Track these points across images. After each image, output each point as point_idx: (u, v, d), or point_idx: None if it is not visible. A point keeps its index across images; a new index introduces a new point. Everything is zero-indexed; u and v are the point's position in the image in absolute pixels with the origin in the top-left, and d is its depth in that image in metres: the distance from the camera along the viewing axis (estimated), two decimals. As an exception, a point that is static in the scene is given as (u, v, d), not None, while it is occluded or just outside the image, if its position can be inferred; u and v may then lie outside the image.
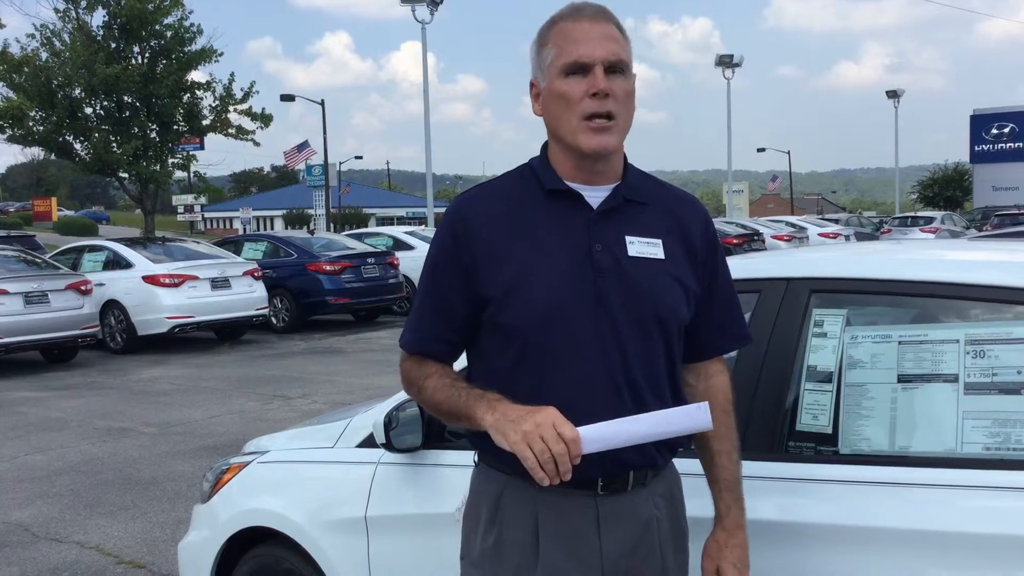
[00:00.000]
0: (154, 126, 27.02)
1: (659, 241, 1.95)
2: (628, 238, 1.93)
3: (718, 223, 31.76)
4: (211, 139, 28.81)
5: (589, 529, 1.92)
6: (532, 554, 1.93)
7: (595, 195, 1.95)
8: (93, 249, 15.18)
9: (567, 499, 1.92)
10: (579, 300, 1.89)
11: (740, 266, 2.65)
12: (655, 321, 1.92)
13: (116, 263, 14.40)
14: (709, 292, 2.04)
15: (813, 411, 2.31)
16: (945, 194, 57.27)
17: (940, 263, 2.42)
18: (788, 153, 65.96)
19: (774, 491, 2.28)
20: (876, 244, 3.14)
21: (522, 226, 1.94)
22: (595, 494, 1.92)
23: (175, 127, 27.36)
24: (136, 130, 26.43)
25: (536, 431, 1.72)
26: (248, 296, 14.56)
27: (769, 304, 2.46)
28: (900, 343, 2.24)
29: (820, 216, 46.54)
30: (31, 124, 25.61)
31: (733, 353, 2.60)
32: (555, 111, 1.91)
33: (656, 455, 1.97)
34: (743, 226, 30.94)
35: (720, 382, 2.11)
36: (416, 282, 15.76)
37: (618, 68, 1.88)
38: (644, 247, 1.94)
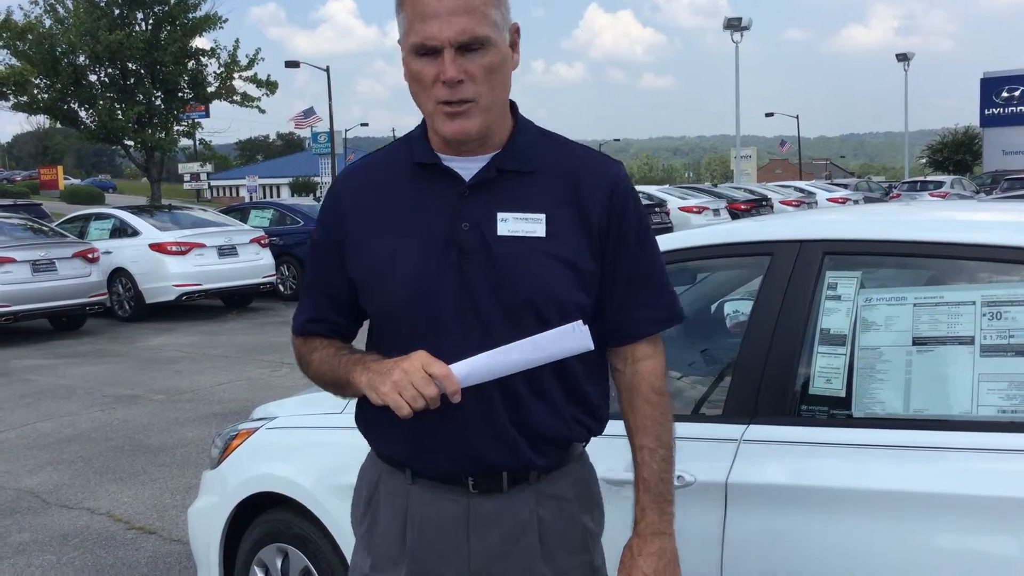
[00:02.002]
0: (159, 93, 26.90)
1: (542, 216, 1.74)
2: (500, 215, 1.74)
3: (725, 188, 31.63)
4: (216, 106, 28.65)
5: (458, 529, 1.81)
6: (400, 547, 1.85)
7: (470, 167, 1.77)
8: (100, 217, 15.16)
9: (438, 495, 1.82)
10: (441, 285, 1.74)
11: (752, 228, 2.63)
12: (527, 307, 1.73)
13: (123, 231, 14.39)
14: (616, 269, 1.81)
15: (826, 374, 2.29)
16: (955, 158, 56.88)
17: (955, 224, 2.38)
18: (797, 118, 65.51)
19: (787, 455, 2.26)
20: (889, 205, 3.10)
21: (390, 204, 1.80)
22: (467, 493, 1.80)
23: (180, 94, 27.22)
24: (141, 97, 26.32)
25: (405, 378, 1.64)
26: (255, 264, 14.55)
27: (781, 267, 2.43)
28: (915, 305, 2.21)
29: (829, 181, 46.29)
30: (35, 92, 25.51)
31: (744, 316, 2.59)
32: (413, 89, 1.73)
33: (532, 455, 1.79)
34: (751, 191, 30.82)
35: (647, 368, 1.87)
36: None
37: (474, 45, 1.65)
38: (519, 224, 1.74)
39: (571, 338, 1.70)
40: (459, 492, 1.81)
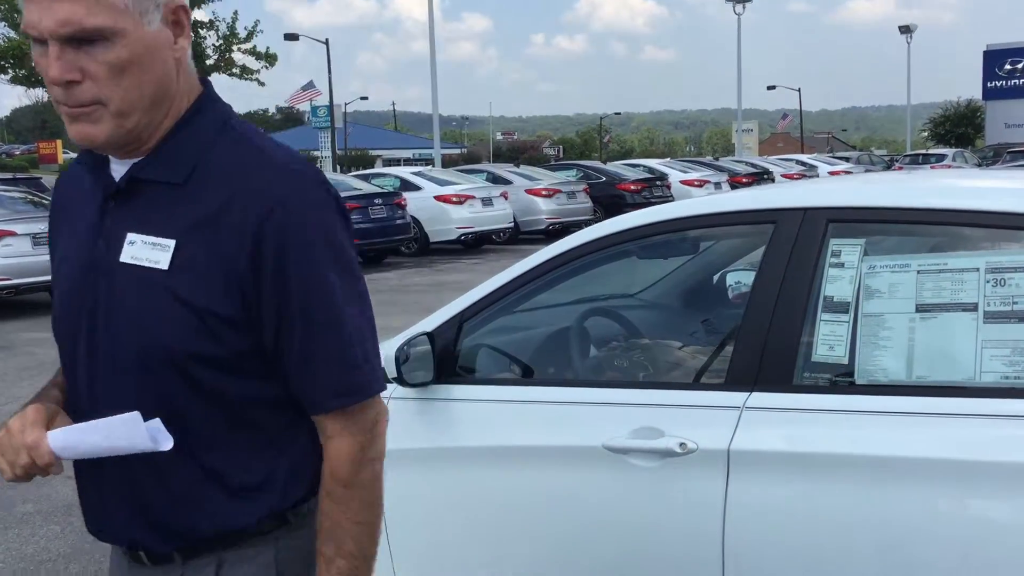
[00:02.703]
0: (158, 66, 26.84)
1: (171, 242, 1.39)
2: (130, 236, 1.42)
3: (727, 162, 31.56)
4: (215, 79, 28.56)
5: None
6: None
7: (121, 172, 1.46)
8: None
9: (122, 562, 1.59)
10: (77, 312, 1.47)
11: (755, 196, 2.63)
12: (134, 354, 1.42)
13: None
14: (280, 318, 1.41)
15: (829, 342, 2.29)
16: (957, 131, 56.68)
17: (960, 190, 2.38)
18: (799, 91, 65.21)
19: (789, 422, 2.27)
20: (893, 173, 3.10)
21: (72, 212, 1.54)
22: (142, 563, 1.54)
23: (179, 67, 27.16)
24: (139, 70, 26.28)
25: (6, 439, 1.43)
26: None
27: (785, 235, 2.43)
28: (919, 272, 2.21)
29: (831, 154, 46.18)
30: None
31: (746, 287, 2.60)
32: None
33: (157, 538, 1.50)
34: (753, 165, 30.77)
35: (332, 450, 1.47)
36: (423, 222, 15.55)
37: (92, 37, 1.33)
38: (145, 250, 1.41)
39: (133, 432, 1.37)
40: (137, 563, 1.55)
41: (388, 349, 2.97)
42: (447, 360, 2.94)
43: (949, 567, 2.02)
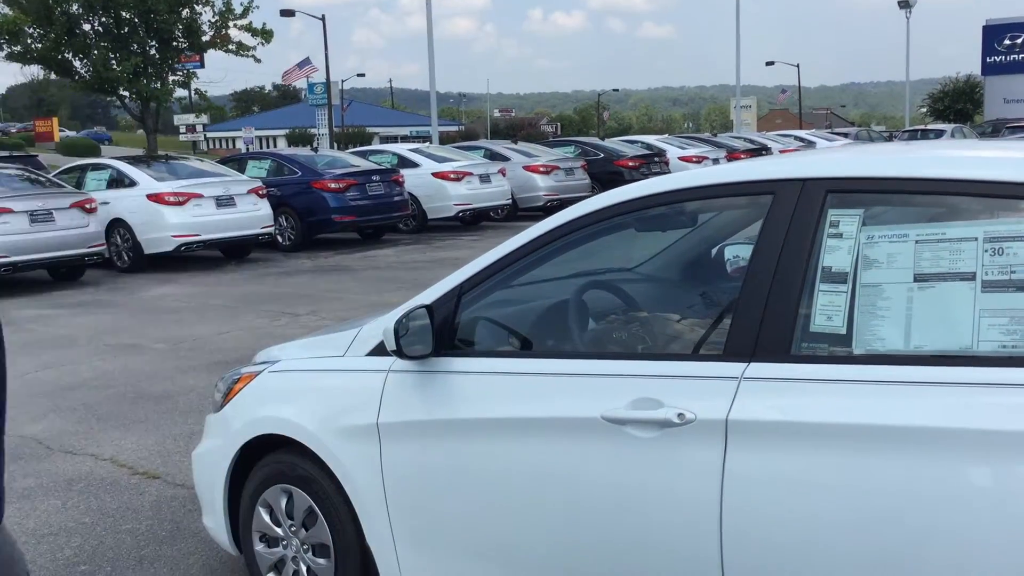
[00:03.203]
0: (153, 43, 26.68)
1: None
2: None
3: (725, 138, 31.45)
4: (211, 57, 28.44)
5: None
6: None
7: None
8: (96, 168, 15.08)
9: None
10: None
11: (755, 167, 2.62)
12: None
13: (120, 182, 14.32)
14: None
15: (827, 312, 2.30)
16: (956, 107, 56.46)
17: (958, 160, 2.37)
18: (797, 67, 64.93)
19: (787, 392, 2.27)
20: (892, 144, 3.09)
21: None
22: None
23: (175, 43, 27.00)
24: (135, 47, 26.11)
25: None
26: (253, 214, 14.50)
27: (784, 206, 2.42)
28: (917, 242, 2.21)
29: (829, 130, 46.03)
30: (29, 41, 25.26)
31: (744, 261, 2.59)
32: None
33: None
34: (751, 141, 30.67)
35: None
36: (421, 199, 15.53)
37: None
38: None
39: None
40: None
41: (387, 322, 2.98)
42: (446, 333, 2.95)
43: (948, 535, 2.03)
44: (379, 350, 3.09)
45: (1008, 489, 1.97)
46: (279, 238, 16.00)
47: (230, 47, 26.97)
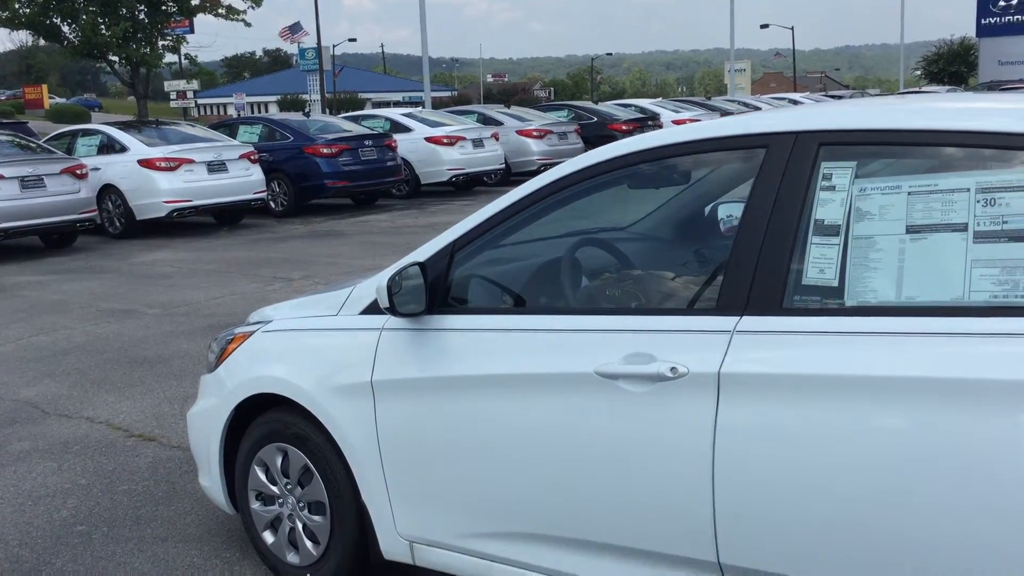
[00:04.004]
0: (142, 7, 26.37)
1: None
2: None
3: (719, 101, 31.33)
4: (201, 22, 28.20)
5: None
6: None
7: None
8: (87, 133, 14.98)
9: None
10: None
11: (748, 121, 2.60)
12: None
13: (110, 147, 14.23)
14: None
15: (820, 265, 2.30)
16: (950, 69, 56.21)
17: (950, 112, 2.36)
18: (791, 29, 64.54)
19: (780, 345, 2.28)
20: (885, 97, 3.08)
21: None
22: None
23: (163, 8, 26.70)
24: (124, 11, 25.81)
25: None
26: (245, 180, 14.44)
27: (777, 159, 2.42)
28: (910, 194, 2.21)
29: (824, 94, 45.82)
30: (16, 6, 24.97)
31: (738, 211, 2.59)
32: None
33: None
34: (745, 104, 30.55)
35: None
36: (414, 164, 15.49)
37: None
38: None
39: None
40: None
41: (381, 280, 2.98)
42: (439, 290, 2.95)
43: (940, 484, 2.05)
44: (372, 309, 3.09)
45: (998, 437, 1.98)
46: (272, 204, 15.95)
47: (220, 11, 26.68)
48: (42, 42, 30.00)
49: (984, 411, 1.99)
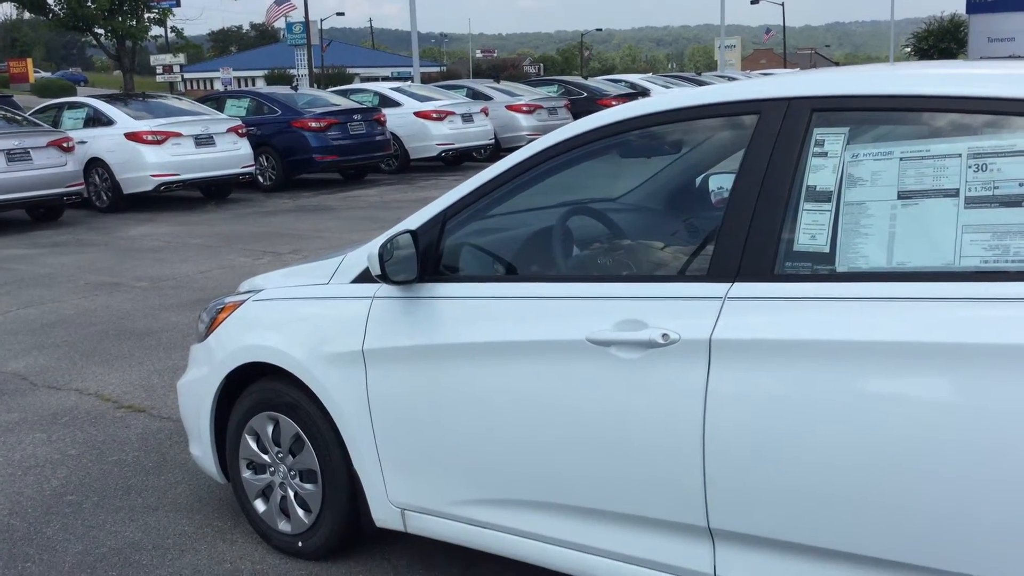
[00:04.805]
0: (128, -21, 26.11)
1: None
2: None
3: (709, 77, 31.24)
4: (187, -6, 27.86)
5: None
6: None
7: None
8: (73, 106, 14.84)
9: None
10: None
11: (740, 88, 2.60)
12: None
13: (97, 120, 14.11)
14: None
15: (811, 231, 2.30)
16: (940, 46, 56.13)
17: (942, 77, 2.36)
18: (782, 5, 64.34)
19: (771, 311, 2.29)
20: (877, 64, 3.08)
21: None
22: None
23: (150, -20, 26.43)
24: (109, -17, 25.55)
25: None
26: (233, 153, 14.34)
27: (769, 125, 2.42)
28: (901, 159, 2.21)
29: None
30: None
31: (731, 178, 2.59)
32: None
33: None
34: (734, 79, 30.47)
35: None
36: (403, 139, 15.39)
37: None
38: None
39: None
40: None
41: (372, 247, 2.97)
42: (431, 258, 2.95)
43: (929, 448, 2.06)
44: (363, 277, 3.09)
45: (988, 401, 2.00)
46: (260, 178, 15.87)
47: (206, -16, 26.50)
48: (27, 15, 29.64)
49: (974, 375, 2.01)
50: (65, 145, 12.64)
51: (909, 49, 62.38)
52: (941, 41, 56.91)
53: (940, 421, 2.05)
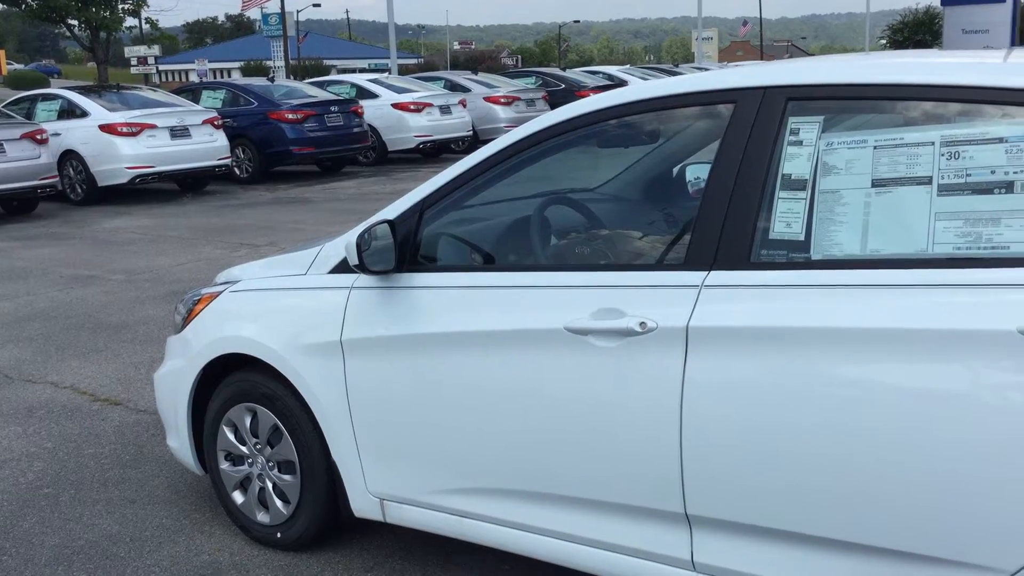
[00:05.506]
0: (101, -31, 25.85)
1: None
2: None
3: (687, 68, 31.30)
4: (162, -15, 27.64)
5: None
6: None
7: None
8: (46, 98, 14.69)
9: None
10: None
11: (716, 77, 2.61)
12: None
13: (71, 112, 13.98)
14: None
15: (786, 219, 2.32)
16: (915, 38, 56.45)
17: (916, 66, 2.38)
18: (758, -2, 64.51)
19: (747, 298, 2.30)
20: (853, 54, 3.10)
21: None
22: None
23: (123, -30, 26.18)
24: (82, -26, 25.27)
25: None
26: (209, 145, 14.25)
27: (745, 114, 2.43)
28: (875, 148, 2.23)
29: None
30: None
31: (707, 166, 2.60)
32: None
33: None
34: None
35: None
36: (380, 131, 15.29)
37: None
38: None
39: None
40: None
41: (350, 237, 2.97)
42: (408, 248, 2.94)
43: (904, 434, 2.09)
44: (341, 267, 3.08)
45: (961, 386, 2.02)
46: (236, 170, 15.77)
47: (181, -26, 26.28)
48: (1, 5, 29.28)
49: (947, 360, 2.03)
50: (39, 137, 12.51)
51: (884, 41, 62.69)
52: (916, 33, 57.19)
53: (914, 406, 2.07)
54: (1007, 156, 2.06)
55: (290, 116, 15.67)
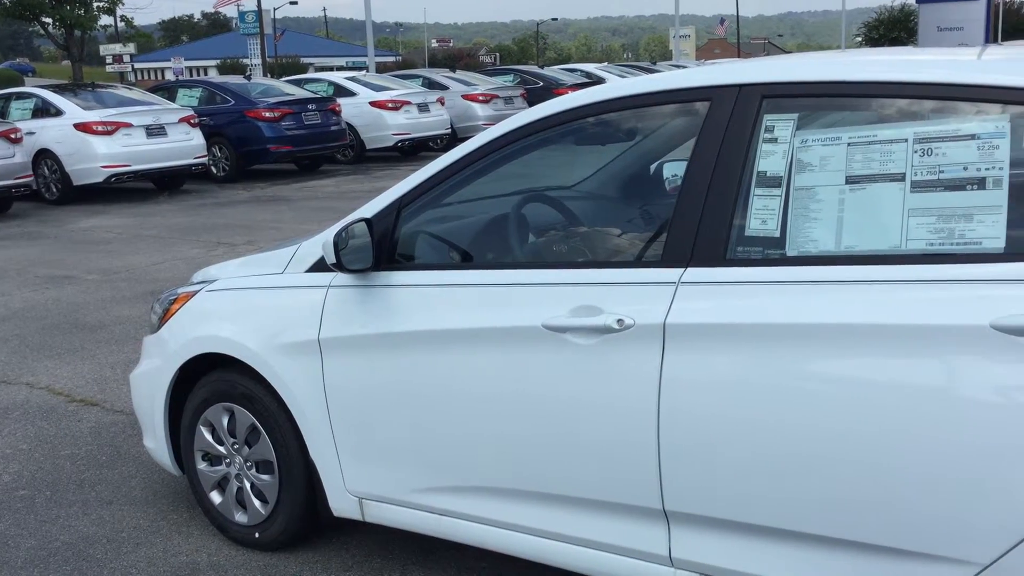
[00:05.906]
0: (75, -33, 25.62)
1: None
2: None
3: (664, 66, 31.38)
4: (137, -18, 27.42)
5: None
6: None
7: None
8: (20, 96, 14.54)
9: None
10: None
11: (692, 75, 2.62)
12: None
13: (45, 111, 13.85)
14: None
15: (762, 216, 2.33)
16: (890, 35, 56.87)
17: (889, 63, 2.40)
18: (735, -5, 64.75)
19: (723, 295, 2.31)
20: (827, 52, 3.12)
21: None
22: None
23: (98, -32, 25.96)
24: (56, -29, 25.05)
25: None
26: (185, 144, 14.16)
27: (721, 112, 2.44)
28: (849, 144, 2.25)
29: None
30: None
31: (684, 164, 2.61)
32: None
33: None
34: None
35: None
36: (358, 129, 15.22)
37: None
38: None
39: None
40: None
41: (327, 236, 2.96)
42: (386, 246, 2.94)
43: (879, 429, 2.10)
44: (319, 266, 3.07)
45: (934, 380, 2.04)
46: (213, 169, 15.69)
47: (156, -28, 26.11)
48: (-29, 3, 28.96)
49: (921, 355, 2.05)
50: (13, 136, 12.38)
51: (860, 39, 63.11)
52: (891, 30, 57.61)
53: (888, 401, 2.09)
54: (979, 153, 2.08)
55: (267, 114, 15.59)
